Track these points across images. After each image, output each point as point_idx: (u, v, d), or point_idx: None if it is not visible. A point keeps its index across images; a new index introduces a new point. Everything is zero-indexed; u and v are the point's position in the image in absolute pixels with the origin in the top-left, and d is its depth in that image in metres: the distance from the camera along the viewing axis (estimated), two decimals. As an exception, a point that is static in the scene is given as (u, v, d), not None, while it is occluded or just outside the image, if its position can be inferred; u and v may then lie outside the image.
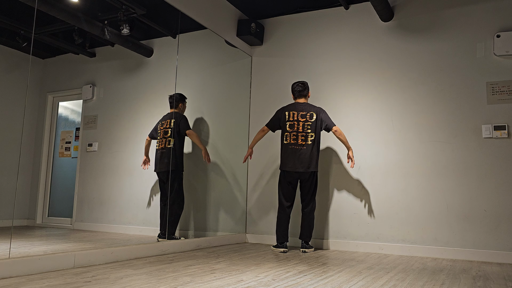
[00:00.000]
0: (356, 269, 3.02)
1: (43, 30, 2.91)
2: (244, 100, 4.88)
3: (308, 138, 3.93)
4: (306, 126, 3.96)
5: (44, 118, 3.03)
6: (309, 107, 4.02)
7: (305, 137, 3.94)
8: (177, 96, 3.90)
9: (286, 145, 3.98)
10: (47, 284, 2.21)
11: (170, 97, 3.82)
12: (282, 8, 4.78)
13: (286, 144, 3.98)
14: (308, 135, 3.94)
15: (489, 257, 3.66)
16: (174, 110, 3.86)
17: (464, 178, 3.86)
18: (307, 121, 3.97)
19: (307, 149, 3.92)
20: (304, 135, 3.94)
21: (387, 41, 4.34)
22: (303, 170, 3.90)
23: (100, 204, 3.32)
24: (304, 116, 3.98)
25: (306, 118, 3.97)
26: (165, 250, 3.54)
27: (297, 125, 3.97)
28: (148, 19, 3.69)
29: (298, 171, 3.91)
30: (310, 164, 3.91)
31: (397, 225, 4.04)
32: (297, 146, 3.93)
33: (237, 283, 2.41)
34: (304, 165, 3.90)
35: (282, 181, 4.03)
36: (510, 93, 3.79)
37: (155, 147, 3.70)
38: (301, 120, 3.97)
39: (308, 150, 3.92)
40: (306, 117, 3.98)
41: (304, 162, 3.90)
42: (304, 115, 3.98)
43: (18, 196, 2.79)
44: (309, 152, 3.91)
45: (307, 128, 3.95)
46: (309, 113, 3.99)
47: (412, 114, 4.13)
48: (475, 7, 4.02)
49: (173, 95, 3.85)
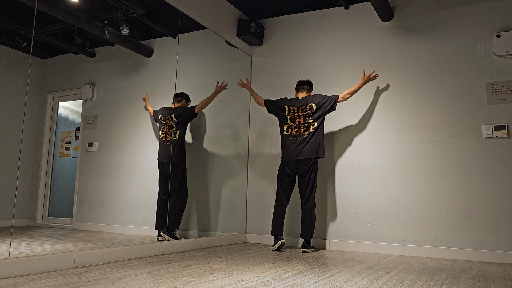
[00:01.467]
0: (356, 269, 3.02)
1: (43, 30, 2.91)
2: (244, 100, 4.89)
3: (310, 128, 4.00)
4: (307, 117, 4.03)
5: (44, 118, 3.03)
6: (307, 99, 4.07)
7: (307, 127, 4.01)
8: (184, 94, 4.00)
9: (288, 136, 4.06)
10: (47, 284, 2.21)
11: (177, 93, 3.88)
12: (282, 8, 4.78)
13: (287, 135, 4.06)
14: (310, 125, 4.01)
15: (489, 257, 3.66)
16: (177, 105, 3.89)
17: (464, 178, 3.86)
18: (308, 114, 4.03)
19: (308, 137, 3.98)
20: (306, 125, 4.01)
21: (387, 41, 4.34)
22: (304, 157, 3.95)
23: (100, 204, 3.32)
24: (304, 110, 4.04)
25: (306, 112, 4.03)
26: (165, 250, 3.54)
27: (298, 118, 4.05)
28: (148, 19, 3.70)
29: (298, 159, 3.96)
30: (312, 151, 3.96)
31: (397, 225, 4.05)
32: (299, 137, 4.01)
33: (237, 283, 2.41)
34: (306, 153, 3.95)
35: (281, 173, 4.09)
36: (510, 93, 3.79)
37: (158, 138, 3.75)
38: (302, 114, 4.04)
39: (311, 138, 3.98)
40: (306, 111, 4.03)
41: (306, 150, 3.96)
42: (304, 109, 4.04)
43: (18, 196, 2.79)
44: (311, 140, 3.97)
45: (308, 119, 4.02)
46: (308, 105, 4.04)
47: (412, 114, 4.13)
48: (475, 7, 4.02)
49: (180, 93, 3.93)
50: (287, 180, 4.07)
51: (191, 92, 4.09)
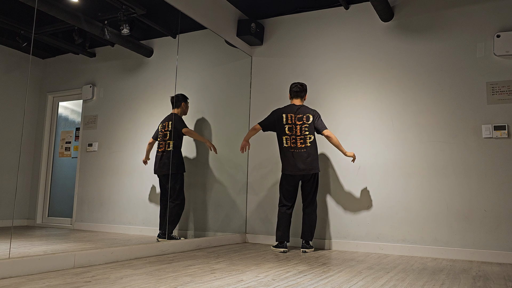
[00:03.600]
0: (356, 269, 3.02)
1: (43, 30, 2.91)
2: (244, 100, 4.89)
3: (307, 140, 3.93)
4: (303, 128, 3.95)
5: (44, 118, 3.03)
6: (305, 109, 4.02)
7: (303, 140, 3.93)
8: (179, 96, 3.90)
9: (287, 148, 3.96)
10: (47, 284, 2.21)
11: (172, 98, 3.82)
12: (282, 8, 4.78)
13: (286, 148, 3.96)
14: (306, 137, 3.94)
15: (489, 257, 3.66)
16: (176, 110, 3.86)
17: (464, 178, 3.86)
18: (304, 124, 3.96)
19: (307, 151, 3.91)
20: (303, 138, 3.93)
21: (387, 41, 4.34)
22: (305, 172, 3.89)
23: (100, 204, 3.32)
24: (301, 119, 3.97)
25: (303, 121, 3.97)
26: (165, 250, 3.54)
27: (295, 128, 3.96)
28: (148, 19, 3.70)
29: (301, 173, 3.90)
30: (312, 166, 3.90)
31: (397, 225, 4.04)
32: (297, 150, 3.92)
33: (237, 283, 2.41)
34: (307, 167, 3.89)
35: (284, 184, 4.00)
36: (510, 93, 3.79)
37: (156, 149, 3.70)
38: (298, 123, 3.96)
39: (308, 152, 3.91)
40: (303, 120, 3.97)
41: (307, 164, 3.89)
42: (301, 117, 3.98)
43: (18, 196, 2.79)
44: (309, 154, 3.91)
45: (305, 130, 3.95)
46: (305, 115, 3.98)
47: (412, 114, 4.13)
48: (475, 7, 4.02)
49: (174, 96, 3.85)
50: (290, 189, 3.99)
51: (191, 92, 4.09)
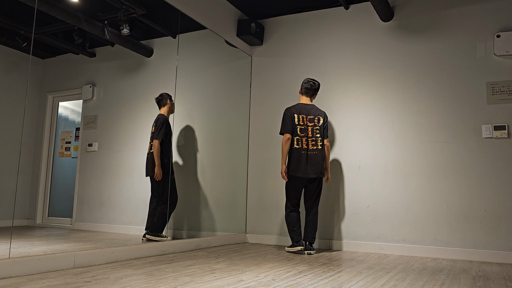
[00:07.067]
0: (356, 269, 3.02)
1: (43, 30, 2.91)
2: (244, 100, 4.89)
3: (318, 143, 3.90)
4: (315, 130, 3.92)
5: (44, 118, 3.03)
6: (316, 111, 3.98)
7: (315, 142, 3.90)
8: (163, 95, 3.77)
9: (298, 150, 3.88)
10: (47, 284, 2.21)
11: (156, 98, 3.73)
12: (282, 8, 4.78)
13: (297, 149, 3.88)
14: (317, 140, 3.91)
15: (489, 257, 3.66)
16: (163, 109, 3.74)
17: (464, 178, 3.86)
18: (316, 125, 3.93)
19: (318, 154, 3.87)
20: (314, 140, 3.90)
21: (387, 41, 4.34)
22: (315, 176, 3.85)
23: (100, 204, 3.32)
24: (312, 120, 3.94)
25: (314, 123, 3.93)
26: (165, 250, 3.54)
27: (306, 129, 3.91)
28: (148, 19, 3.69)
29: (310, 177, 3.85)
30: (321, 169, 3.88)
31: (397, 225, 4.04)
32: (309, 152, 3.87)
33: (237, 283, 2.41)
34: (317, 171, 3.85)
35: (291, 185, 3.92)
36: (510, 93, 3.79)
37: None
38: (310, 124, 3.92)
39: (319, 155, 3.88)
40: (314, 121, 3.94)
41: (316, 167, 3.85)
42: (312, 119, 3.94)
43: (18, 196, 2.79)
44: (320, 157, 3.88)
45: (316, 132, 3.92)
46: (316, 117, 3.95)
47: (412, 114, 4.13)
48: (475, 7, 4.02)
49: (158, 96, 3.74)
50: (299, 191, 3.93)
51: (191, 92, 4.09)
